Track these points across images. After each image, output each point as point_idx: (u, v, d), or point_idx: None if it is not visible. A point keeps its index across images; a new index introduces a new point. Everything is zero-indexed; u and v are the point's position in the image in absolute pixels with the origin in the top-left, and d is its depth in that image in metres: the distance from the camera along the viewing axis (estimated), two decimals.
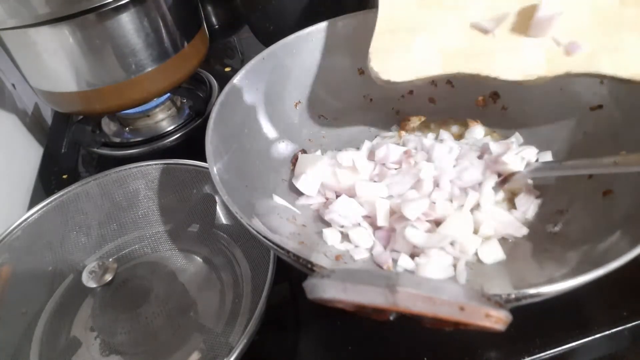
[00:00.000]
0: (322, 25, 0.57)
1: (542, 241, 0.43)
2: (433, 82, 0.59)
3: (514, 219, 0.45)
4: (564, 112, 0.51)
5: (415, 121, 0.58)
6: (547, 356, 0.41)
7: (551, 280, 0.30)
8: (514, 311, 0.31)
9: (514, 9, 0.46)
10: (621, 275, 0.31)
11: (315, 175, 0.51)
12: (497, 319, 0.26)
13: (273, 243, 0.35)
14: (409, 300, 0.26)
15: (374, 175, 0.51)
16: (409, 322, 0.27)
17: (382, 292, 0.26)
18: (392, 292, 0.26)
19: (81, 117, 0.71)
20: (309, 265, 0.33)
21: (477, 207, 0.46)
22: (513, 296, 0.29)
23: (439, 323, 0.26)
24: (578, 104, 0.49)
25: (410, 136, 0.56)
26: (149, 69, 0.61)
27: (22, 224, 0.51)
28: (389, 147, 0.51)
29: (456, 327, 0.26)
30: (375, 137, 0.59)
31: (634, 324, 0.42)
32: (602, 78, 0.43)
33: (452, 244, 0.43)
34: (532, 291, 0.29)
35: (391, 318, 0.27)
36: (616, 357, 0.46)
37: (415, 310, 0.26)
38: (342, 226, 0.47)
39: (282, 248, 0.34)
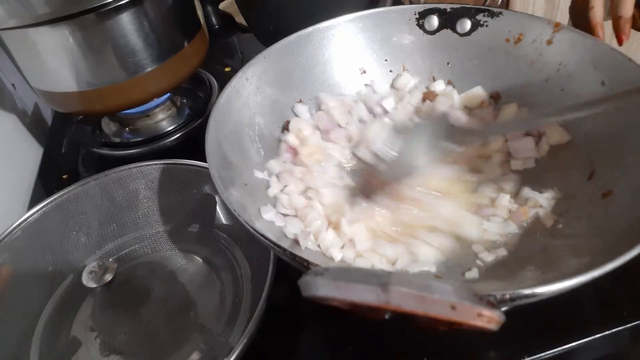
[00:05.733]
0: (324, 25, 0.57)
1: (542, 243, 0.43)
2: (434, 80, 0.60)
3: None
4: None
5: None
6: (547, 356, 0.41)
7: (546, 281, 0.29)
8: (514, 311, 0.31)
9: None
10: (621, 275, 0.31)
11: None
12: (489, 319, 0.26)
13: (272, 242, 0.35)
14: (400, 299, 0.26)
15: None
16: (406, 322, 0.27)
17: (373, 290, 0.26)
18: (384, 291, 0.26)
19: (81, 117, 0.71)
20: (305, 264, 0.33)
21: None
22: (508, 296, 0.29)
23: (433, 323, 0.26)
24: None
25: None
26: (149, 69, 0.61)
27: (22, 224, 0.51)
28: None
29: (450, 327, 0.26)
30: None
31: (634, 324, 0.42)
32: None
33: None
34: (527, 291, 0.29)
35: (386, 317, 0.27)
36: (616, 357, 0.46)
37: (406, 308, 0.26)
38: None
39: (280, 246, 0.35)
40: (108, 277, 0.47)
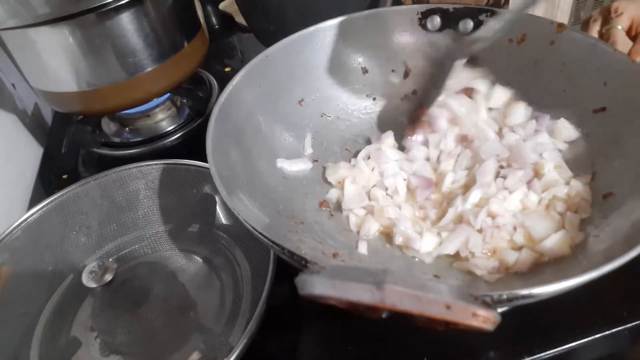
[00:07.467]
0: (326, 25, 0.57)
1: None
2: None
3: None
4: (566, 114, 0.50)
5: None
6: (547, 356, 0.41)
7: (543, 282, 0.29)
8: (514, 311, 0.31)
9: None
10: (621, 276, 0.31)
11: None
12: (484, 319, 0.26)
13: (271, 241, 0.35)
14: (395, 298, 0.26)
15: None
16: (403, 322, 0.27)
17: (369, 289, 0.26)
18: (379, 289, 0.26)
19: (81, 117, 0.71)
20: (303, 262, 0.33)
21: None
22: (505, 297, 0.28)
23: (430, 322, 0.26)
24: (581, 106, 0.49)
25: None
26: (149, 69, 0.60)
27: (22, 224, 0.51)
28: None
29: (448, 327, 0.26)
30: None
31: (634, 324, 0.42)
32: None
33: None
34: (524, 292, 0.29)
35: (384, 316, 0.27)
36: (616, 357, 0.46)
37: (402, 308, 0.26)
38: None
39: (279, 245, 0.34)
40: (108, 277, 0.47)
